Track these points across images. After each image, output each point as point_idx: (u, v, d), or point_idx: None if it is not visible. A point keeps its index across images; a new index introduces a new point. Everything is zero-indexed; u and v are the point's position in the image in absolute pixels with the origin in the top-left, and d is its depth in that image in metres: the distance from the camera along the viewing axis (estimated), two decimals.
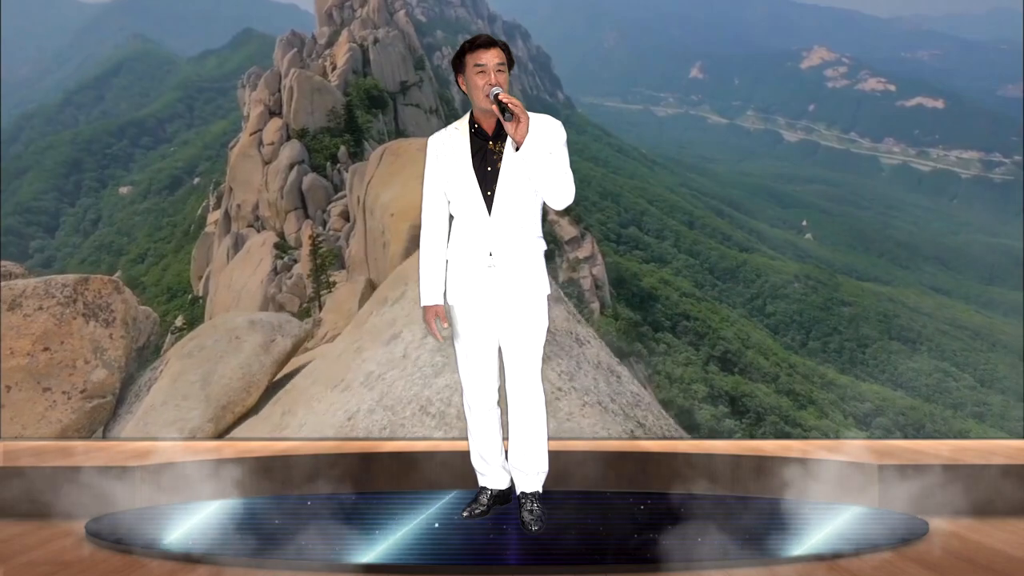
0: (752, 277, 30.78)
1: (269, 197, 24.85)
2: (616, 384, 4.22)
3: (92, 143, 36.88)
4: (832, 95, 50.57)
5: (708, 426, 22.26)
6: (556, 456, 2.32)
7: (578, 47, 55.04)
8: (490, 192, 2.16)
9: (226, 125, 34.65)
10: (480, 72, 2.13)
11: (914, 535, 2.20)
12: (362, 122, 26.71)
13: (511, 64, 2.19)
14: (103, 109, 41.18)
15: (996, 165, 42.38)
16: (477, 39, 2.19)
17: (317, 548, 2.03)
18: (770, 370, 25.51)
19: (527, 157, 2.08)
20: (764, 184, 42.33)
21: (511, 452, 2.26)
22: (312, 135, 25.91)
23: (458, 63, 2.20)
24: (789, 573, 1.89)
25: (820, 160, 47.82)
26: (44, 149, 36.90)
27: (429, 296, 2.24)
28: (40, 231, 33.09)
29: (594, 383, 4.05)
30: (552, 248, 26.09)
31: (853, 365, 27.52)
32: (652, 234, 31.98)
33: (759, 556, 1.99)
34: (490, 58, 2.14)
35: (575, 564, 2.00)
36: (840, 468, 2.65)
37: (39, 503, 2.45)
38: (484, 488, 2.34)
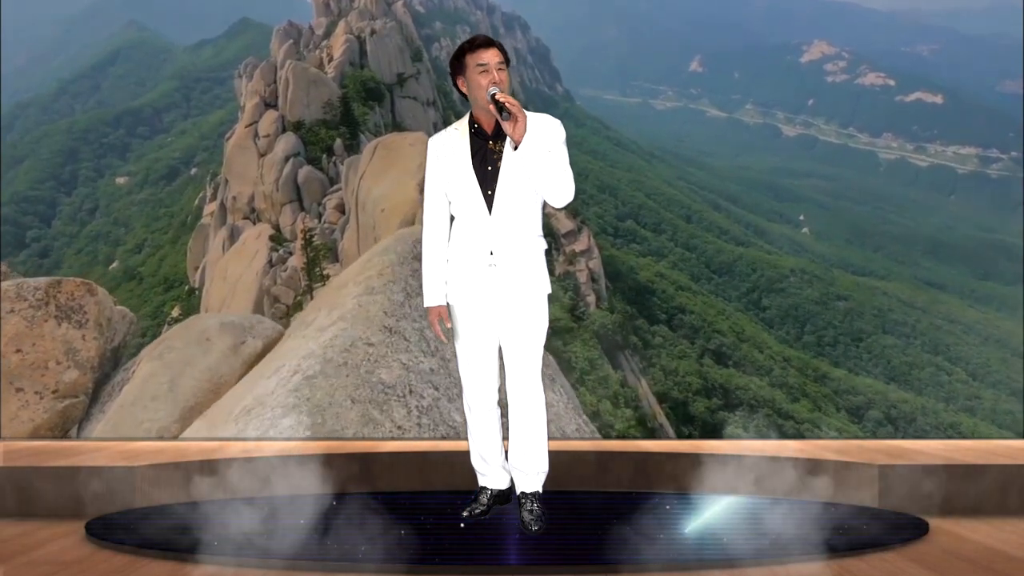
0: (748, 271, 30.85)
1: (264, 189, 24.73)
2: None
3: (88, 132, 36.58)
4: (831, 90, 50.49)
5: (702, 419, 22.41)
6: (555, 456, 2.31)
7: (577, 39, 54.73)
8: (490, 191, 2.16)
9: (223, 115, 34.40)
10: (483, 71, 2.13)
11: (914, 535, 2.21)
12: (358, 114, 26.55)
13: (508, 63, 2.20)
14: (99, 98, 40.81)
15: (993, 161, 42.45)
16: (476, 39, 2.19)
17: (317, 548, 2.03)
18: (764, 363, 25.66)
19: (526, 156, 2.07)
20: (762, 178, 42.33)
21: (511, 452, 2.26)
22: (308, 127, 25.75)
23: (457, 64, 2.19)
24: (789, 573, 1.89)
25: (818, 155, 47.81)
26: (40, 138, 36.60)
27: (432, 297, 2.23)
28: (37, 221, 32.89)
29: None
30: (549, 241, 25.88)
31: (847, 359, 27.68)
32: (649, 227, 31.98)
33: (759, 556, 1.99)
34: (491, 57, 2.14)
35: (575, 564, 1.99)
36: (840, 468, 2.65)
37: (39, 503, 2.44)
38: (484, 488, 2.34)
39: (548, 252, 2.28)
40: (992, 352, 27.77)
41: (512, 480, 2.31)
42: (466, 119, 2.24)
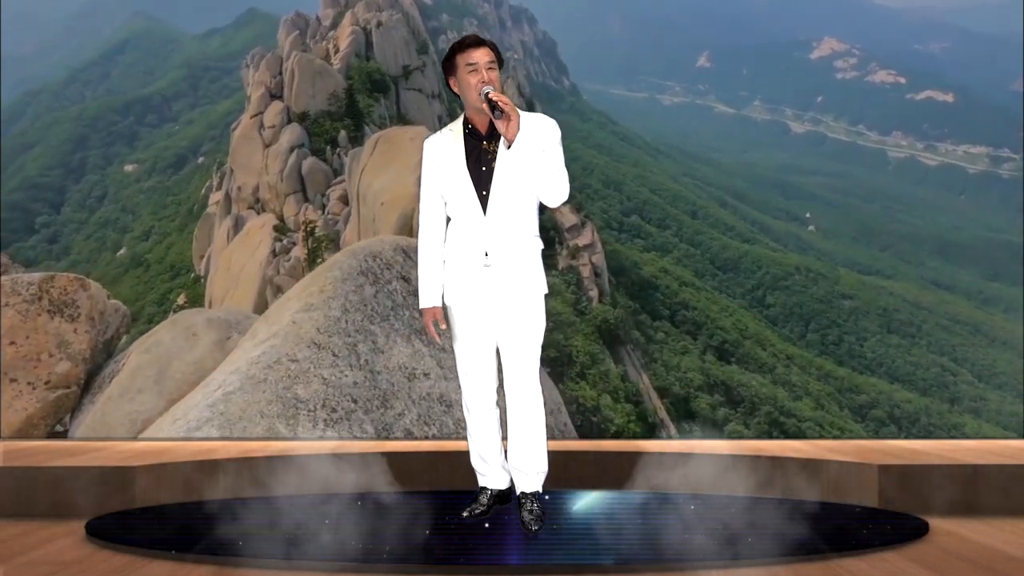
0: (753, 268, 30.73)
1: (269, 180, 24.77)
2: None
3: (98, 120, 36.74)
4: (841, 87, 50.09)
5: (703, 415, 22.40)
6: (555, 456, 2.31)
7: (584, 33, 54.42)
8: (485, 192, 2.15)
9: (230, 105, 34.44)
10: (472, 71, 2.12)
11: (914, 535, 2.20)
12: (363, 106, 26.52)
13: (501, 62, 2.19)
14: (108, 87, 40.94)
15: (1005, 160, 42.05)
16: (466, 39, 2.19)
17: (316, 548, 2.03)
18: (767, 361, 25.60)
19: (519, 155, 2.07)
20: (769, 175, 42.11)
21: (510, 452, 2.26)
22: (313, 119, 25.75)
23: (449, 65, 2.19)
24: (789, 573, 1.89)
25: (826, 152, 47.50)
26: (50, 125, 36.80)
27: (428, 298, 2.23)
28: (46, 207, 33.09)
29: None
30: (552, 236, 26.02)
31: (851, 358, 27.58)
32: (654, 223, 31.88)
33: (759, 556, 1.99)
34: (480, 56, 2.13)
35: (575, 564, 2.00)
36: (840, 468, 2.64)
37: (39, 503, 2.44)
38: (484, 488, 2.34)
39: (551, 246, 2.27)
40: (999, 354, 27.60)
41: (512, 480, 2.31)
42: (460, 120, 2.24)
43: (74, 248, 31.99)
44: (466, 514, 2.28)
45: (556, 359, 20.60)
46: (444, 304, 2.24)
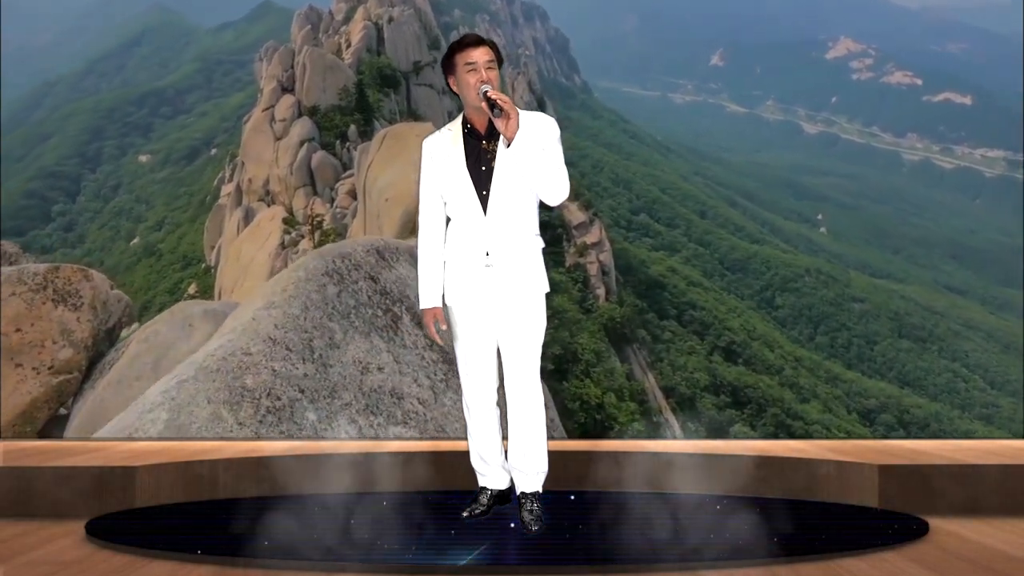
0: (762, 269, 30.52)
1: (279, 173, 24.92)
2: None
3: (114, 111, 37.15)
4: (856, 87, 49.58)
5: (708, 415, 22.30)
6: (554, 455, 2.31)
7: (596, 30, 54.19)
8: (485, 192, 2.15)
9: (243, 98, 34.69)
10: (471, 70, 2.12)
11: (914, 535, 2.19)
12: (373, 101, 26.59)
13: (500, 61, 2.18)
14: (124, 78, 41.35)
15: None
16: (465, 38, 2.18)
17: (316, 548, 2.03)
18: (775, 363, 25.42)
19: (519, 154, 2.06)
20: (780, 175, 41.77)
21: (511, 452, 2.25)
22: (323, 113, 25.86)
23: (448, 64, 2.18)
24: (789, 573, 1.88)
25: (839, 153, 47.06)
26: (68, 115, 37.25)
27: (428, 299, 2.23)
28: (62, 195, 33.55)
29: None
30: (560, 233, 25.97)
31: (860, 361, 27.33)
32: (663, 222, 31.73)
33: (759, 556, 1.98)
34: (479, 55, 2.12)
35: (575, 564, 1.99)
36: (840, 468, 2.63)
37: (39, 503, 2.44)
38: (484, 488, 2.33)
39: (559, 243, 2.26)
40: (1012, 360, 27.23)
41: (512, 480, 2.31)
42: (459, 120, 2.23)
43: (89, 237, 32.40)
44: (466, 514, 2.27)
45: (561, 356, 20.57)
46: (445, 304, 2.23)
